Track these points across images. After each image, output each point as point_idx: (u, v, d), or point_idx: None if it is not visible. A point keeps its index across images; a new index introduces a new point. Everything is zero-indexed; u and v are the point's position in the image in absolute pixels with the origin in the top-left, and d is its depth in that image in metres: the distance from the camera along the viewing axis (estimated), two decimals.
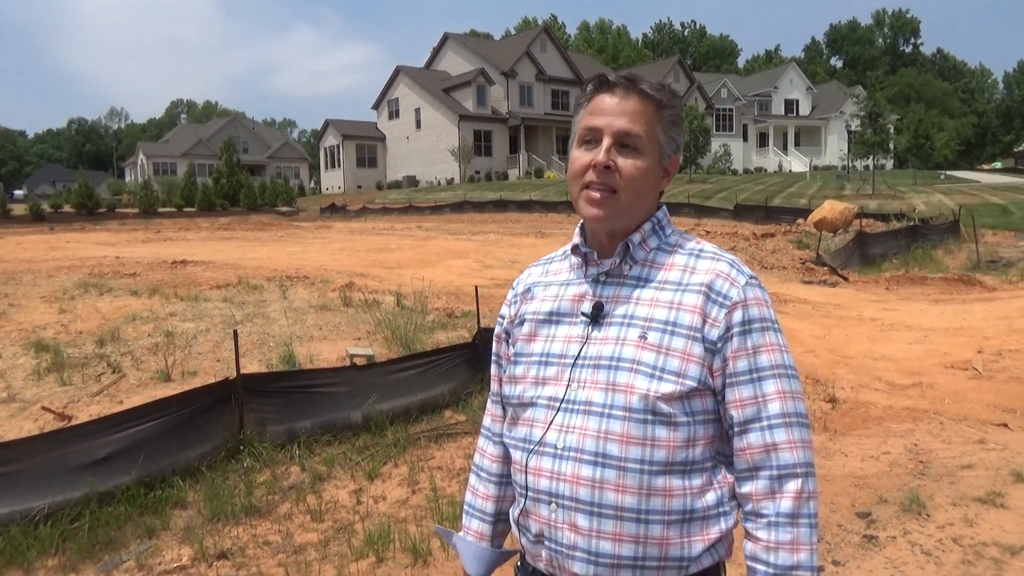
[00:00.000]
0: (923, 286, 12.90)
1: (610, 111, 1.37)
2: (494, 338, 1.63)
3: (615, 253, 1.41)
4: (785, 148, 58.96)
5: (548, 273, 1.54)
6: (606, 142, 1.35)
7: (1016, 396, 6.06)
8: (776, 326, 1.37)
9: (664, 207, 1.48)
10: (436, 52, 58.73)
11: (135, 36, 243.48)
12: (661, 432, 1.30)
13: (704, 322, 1.33)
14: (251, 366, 6.74)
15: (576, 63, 56.57)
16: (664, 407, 1.30)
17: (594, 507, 1.31)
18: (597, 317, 1.39)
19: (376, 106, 58.40)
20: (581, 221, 1.49)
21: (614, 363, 1.33)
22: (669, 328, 1.33)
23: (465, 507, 1.66)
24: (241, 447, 5.17)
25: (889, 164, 54.19)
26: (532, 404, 1.41)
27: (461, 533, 1.65)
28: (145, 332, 7.92)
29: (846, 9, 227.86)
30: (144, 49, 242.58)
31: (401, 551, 3.96)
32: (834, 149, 58.59)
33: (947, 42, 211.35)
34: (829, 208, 19.88)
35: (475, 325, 7.18)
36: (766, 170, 55.66)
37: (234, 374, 5.30)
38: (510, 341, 1.54)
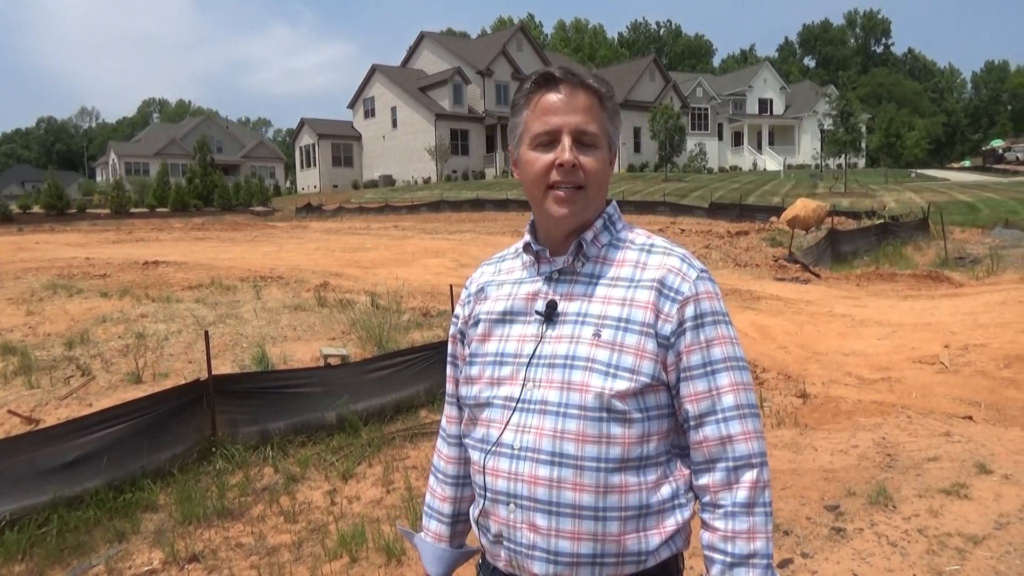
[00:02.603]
0: (893, 282, 13.10)
1: (562, 109, 1.35)
2: (449, 339, 1.63)
3: (568, 251, 1.41)
4: (759, 147, 59.47)
5: (500, 272, 1.54)
6: (566, 141, 1.35)
7: (981, 390, 6.18)
8: (727, 319, 1.39)
9: (614, 202, 1.49)
10: (412, 51, 58.48)
11: (106, 33, 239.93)
12: (616, 429, 1.31)
13: (657, 318, 1.33)
14: (223, 367, 6.67)
15: (553, 62, 56.56)
16: (619, 404, 1.30)
17: (552, 506, 1.32)
18: (551, 315, 1.38)
19: (352, 105, 58.02)
20: (531, 219, 1.50)
21: (569, 362, 1.34)
22: (622, 325, 1.33)
23: (425, 508, 1.67)
24: (213, 449, 5.13)
25: (861, 163, 54.89)
26: (488, 404, 1.41)
27: (421, 534, 1.65)
28: (115, 334, 7.82)
29: (819, 9, 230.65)
30: (116, 46, 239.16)
31: (375, 551, 3.95)
32: (807, 148, 59.17)
33: (917, 42, 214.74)
34: (802, 206, 20.13)
35: (450, 324, 7.16)
36: (741, 169, 56.10)
37: (206, 375, 5.26)
38: (465, 341, 1.54)
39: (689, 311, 1.34)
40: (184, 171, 49.45)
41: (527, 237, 1.47)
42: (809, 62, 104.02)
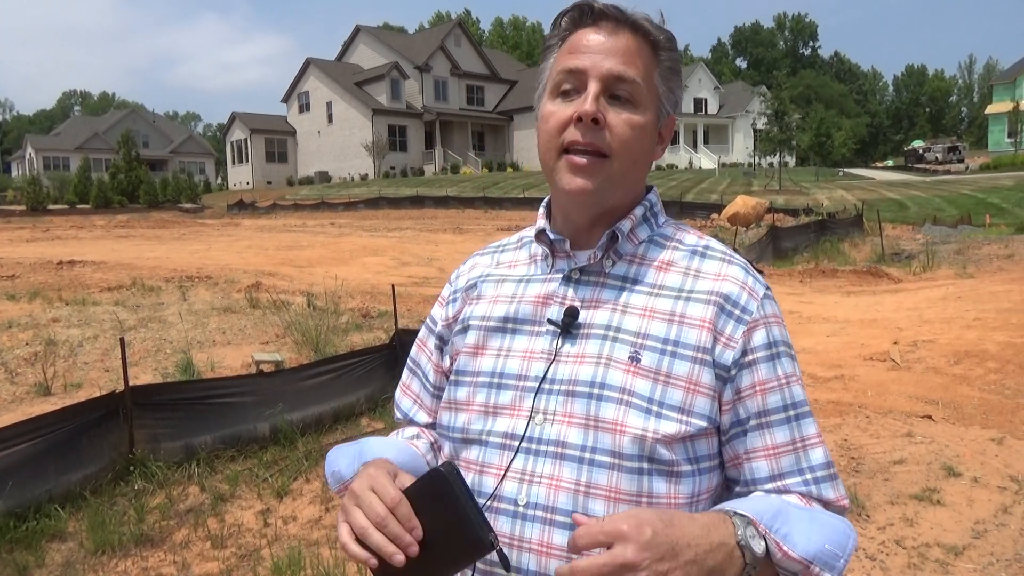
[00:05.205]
0: (834, 278, 13.25)
1: (596, 48, 1.03)
2: (416, 342, 1.26)
3: (596, 244, 1.07)
4: (695, 145, 60.45)
5: (499, 264, 1.19)
6: (593, 88, 1.01)
7: (935, 387, 6.14)
8: (793, 351, 1.08)
9: (655, 189, 1.16)
10: (348, 45, 57.44)
11: (22, 20, 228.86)
12: (660, 486, 0.98)
13: (715, 341, 1.01)
14: (144, 376, 6.22)
15: (491, 59, 56.39)
16: (665, 452, 0.97)
17: None
18: (570, 327, 1.04)
19: (286, 99, 56.68)
20: (546, 199, 1.16)
21: (596, 390, 1.00)
22: (670, 348, 1.00)
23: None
24: (131, 467, 4.76)
25: (792, 161, 56.37)
26: (480, 441, 1.06)
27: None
28: (22, 340, 7.21)
29: (749, 11, 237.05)
30: (33, 35, 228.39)
31: None
32: (740, 147, 60.47)
33: (843, 46, 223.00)
34: (742, 203, 20.40)
35: (392, 326, 6.83)
36: (677, 167, 56.91)
37: (123, 386, 4.79)
38: (446, 352, 1.18)
39: (759, 338, 1.02)
40: (107, 166, 47.51)
41: (542, 222, 1.12)
42: (741, 63, 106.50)
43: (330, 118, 52.31)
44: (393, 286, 7.07)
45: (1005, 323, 7.93)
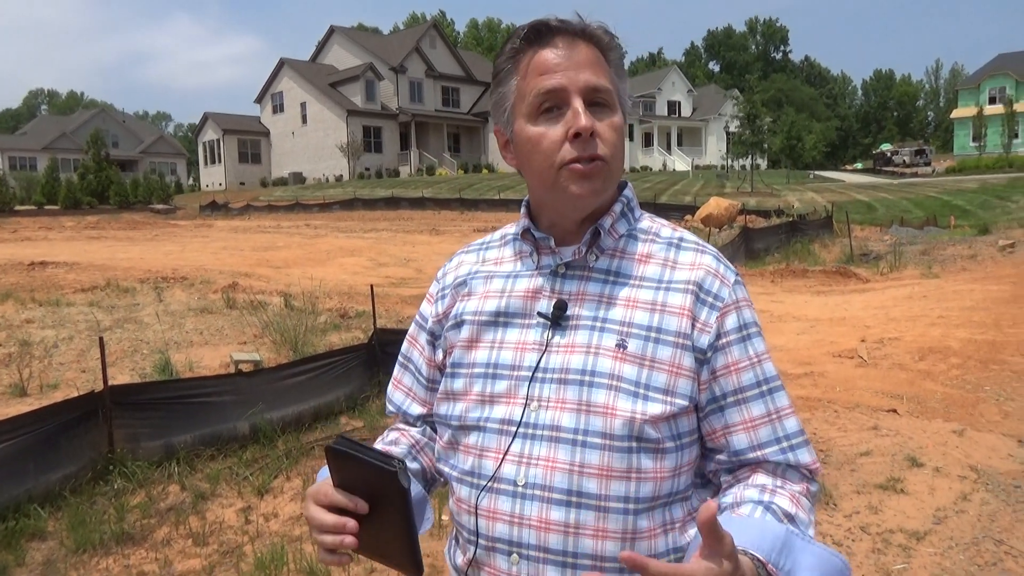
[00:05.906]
0: (805, 279, 13.51)
1: (565, 64, 1.10)
2: (407, 339, 1.34)
3: (580, 240, 1.15)
4: (669, 148, 60.96)
5: (486, 262, 1.26)
6: (577, 103, 1.08)
7: (901, 382, 6.34)
8: (761, 329, 1.18)
9: (629, 184, 1.25)
10: (322, 45, 57.12)
11: None
12: (647, 462, 1.07)
13: (693, 327, 1.10)
14: (122, 376, 6.19)
15: (466, 60, 56.42)
16: (652, 432, 1.06)
17: (568, 557, 1.06)
18: (559, 319, 1.12)
19: (259, 100, 56.20)
20: (526, 198, 1.24)
21: (587, 378, 1.08)
22: (653, 335, 1.09)
23: None
24: (111, 467, 4.74)
25: (764, 164, 57.06)
26: (479, 428, 1.14)
27: None
28: None
29: (722, 16, 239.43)
30: None
31: (296, 573, 3.64)
32: (714, 149, 61.10)
33: (813, 50, 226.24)
34: (715, 205, 20.69)
35: (370, 325, 6.87)
36: (651, 169, 57.36)
37: (101, 386, 4.80)
38: (438, 347, 1.26)
39: (731, 321, 1.12)
40: (76, 167, 46.78)
41: (524, 222, 1.20)
42: (714, 66, 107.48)
43: (304, 119, 51.98)
44: (372, 286, 7.13)
45: (967, 321, 8.19)
